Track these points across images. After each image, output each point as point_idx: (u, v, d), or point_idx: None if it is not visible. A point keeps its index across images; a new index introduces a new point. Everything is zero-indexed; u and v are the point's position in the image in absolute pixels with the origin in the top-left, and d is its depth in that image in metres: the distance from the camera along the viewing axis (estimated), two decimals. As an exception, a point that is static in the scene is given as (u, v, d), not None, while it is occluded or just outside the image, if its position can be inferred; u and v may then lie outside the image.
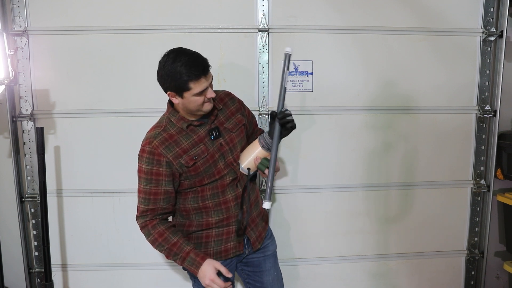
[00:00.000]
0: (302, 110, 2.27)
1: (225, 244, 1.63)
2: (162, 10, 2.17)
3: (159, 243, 1.53)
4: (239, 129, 1.63)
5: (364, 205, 2.40)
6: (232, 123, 1.62)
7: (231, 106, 1.66)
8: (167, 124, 1.54)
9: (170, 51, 1.47)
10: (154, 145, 1.49)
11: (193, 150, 1.52)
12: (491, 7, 2.28)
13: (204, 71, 1.41)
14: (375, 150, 2.35)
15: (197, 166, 1.52)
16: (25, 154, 2.23)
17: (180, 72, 1.39)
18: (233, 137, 1.60)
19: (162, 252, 1.55)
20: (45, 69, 2.18)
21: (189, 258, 1.50)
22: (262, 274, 1.73)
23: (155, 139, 1.51)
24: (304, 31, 2.22)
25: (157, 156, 1.49)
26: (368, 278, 2.47)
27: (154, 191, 1.52)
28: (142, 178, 1.53)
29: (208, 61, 1.46)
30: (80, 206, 2.28)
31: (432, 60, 2.31)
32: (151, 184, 1.52)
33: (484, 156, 2.41)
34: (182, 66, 1.39)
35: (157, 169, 1.50)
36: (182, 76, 1.39)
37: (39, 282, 2.33)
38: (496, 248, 2.56)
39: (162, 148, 1.49)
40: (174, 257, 1.52)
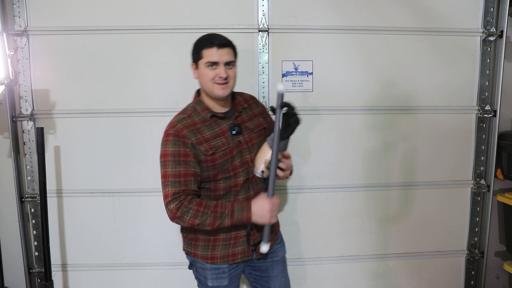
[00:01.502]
0: (302, 110, 2.24)
1: (233, 249, 1.61)
2: (162, 10, 2.17)
3: (202, 212, 1.45)
4: (259, 131, 1.64)
5: (364, 205, 2.40)
6: (254, 124, 1.64)
7: (255, 108, 1.69)
8: (192, 113, 1.56)
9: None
10: (178, 128, 1.50)
11: (214, 140, 1.53)
12: (491, 7, 2.28)
13: (219, 43, 1.47)
14: (375, 150, 2.35)
15: (216, 157, 1.52)
16: (25, 154, 2.23)
17: (200, 40, 1.52)
18: (253, 137, 1.61)
19: (207, 222, 1.46)
20: (45, 69, 2.18)
21: (236, 208, 1.47)
22: (269, 279, 1.71)
23: (179, 123, 1.52)
24: (304, 31, 2.22)
25: (182, 138, 1.48)
26: (368, 278, 2.47)
27: (184, 173, 1.47)
28: (169, 161, 1.48)
29: (230, 41, 1.53)
30: (80, 206, 2.28)
31: (432, 60, 2.31)
32: (180, 165, 1.47)
33: (484, 156, 2.41)
34: (204, 36, 1.53)
35: (184, 149, 1.48)
36: (199, 43, 1.51)
37: (39, 282, 2.33)
38: (496, 248, 2.56)
39: (186, 131, 1.50)
40: (222, 217, 1.46)
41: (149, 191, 2.27)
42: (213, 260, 1.61)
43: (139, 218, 2.31)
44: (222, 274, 1.62)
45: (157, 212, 2.29)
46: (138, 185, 2.27)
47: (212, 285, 1.64)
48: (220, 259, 1.61)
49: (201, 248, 1.62)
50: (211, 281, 1.64)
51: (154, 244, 2.32)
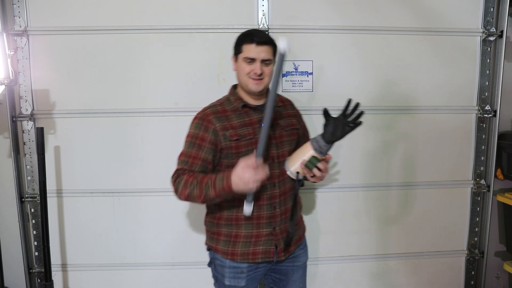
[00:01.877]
0: (302, 110, 2.26)
1: (254, 247, 1.58)
2: (162, 10, 2.17)
3: (190, 182, 1.46)
4: (291, 130, 1.66)
5: (364, 205, 2.40)
6: (287, 122, 1.66)
7: (290, 110, 1.72)
8: (225, 101, 1.61)
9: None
10: (206, 113, 1.56)
11: (241, 129, 1.54)
12: (491, 7, 2.28)
13: (259, 40, 1.50)
14: (375, 150, 2.35)
15: (240, 145, 1.52)
16: (25, 154, 2.23)
17: (242, 35, 1.56)
18: (284, 135, 1.62)
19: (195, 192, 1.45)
20: (45, 69, 2.18)
21: (218, 178, 1.43)
22: (288, 284, 1.70)
23: (209, 108, 1.58)
24: (304, 31, 2.22)
25: (206, 122, 1.53)
26: (368, 278, 2.47)
27: (194, 155, 1.52)
28: (188, 142, 1.56)
29: (271, 39, 1.54)
30: (80, 206, 2.28)
31: (432, 60, 2.31)
32: (193, 147, 1.53)
33: (484, 156, 2.41)
34: (247, 31, 1.55)
35: (202, 134, 1.53)
36: (241, 38, 1.55)
37: (39, 282, 2.33)
38: (496, 248, 2.56)
39: (213, 117, 1.54)
40: (206, 188, 1.44)
41: (149, 191, 2.27)
42: (233, 256, 1.59)
43: (139, 218, 2.31)
44: (241, 274, 1.60)
45: (157, 212, 2.30)
46: (138, 185, 2.26)
47: (229, 284, 1.62)
48: (240, 256, 1.59)
49: (222, 243, 1.61)
50: (229, 279, 1.62)
51: (154, 244, 2.32)
